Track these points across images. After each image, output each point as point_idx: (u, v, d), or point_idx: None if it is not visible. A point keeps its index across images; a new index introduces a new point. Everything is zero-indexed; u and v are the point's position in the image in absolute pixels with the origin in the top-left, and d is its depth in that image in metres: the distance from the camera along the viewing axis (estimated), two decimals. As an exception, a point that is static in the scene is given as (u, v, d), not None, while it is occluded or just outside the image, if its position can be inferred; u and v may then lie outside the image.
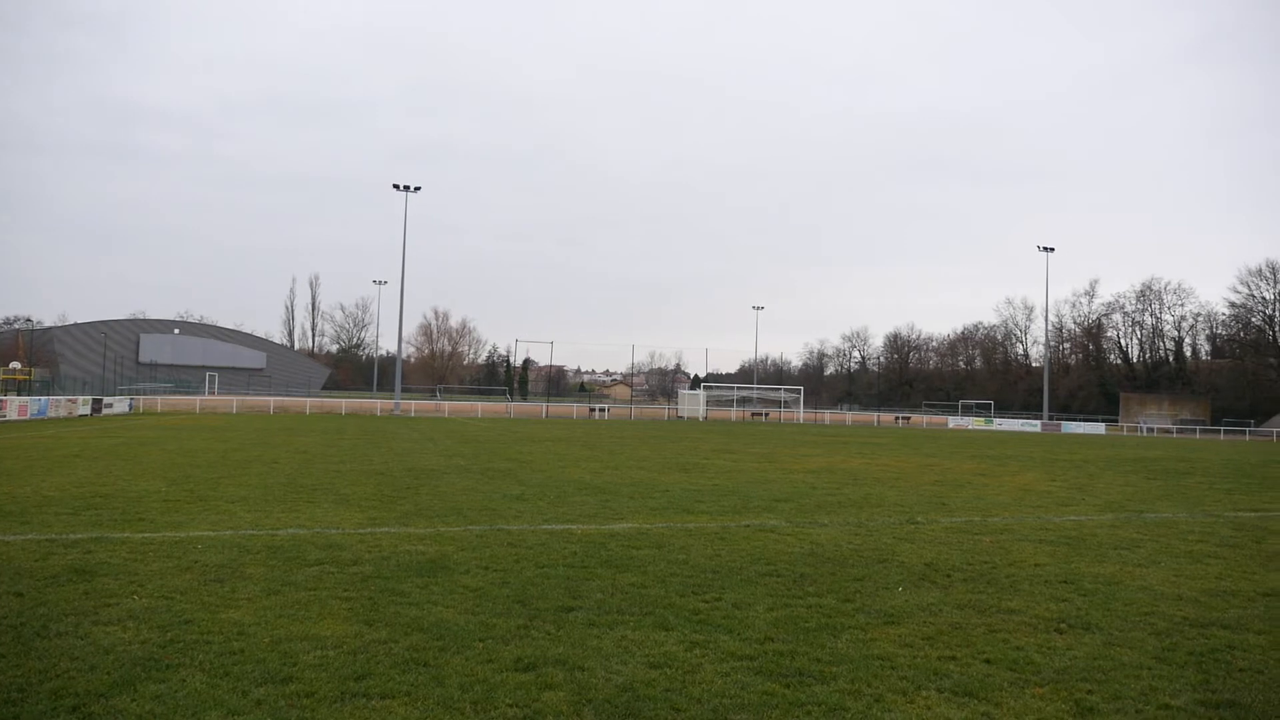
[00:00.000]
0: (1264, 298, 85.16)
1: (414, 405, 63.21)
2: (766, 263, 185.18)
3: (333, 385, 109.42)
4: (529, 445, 26.71)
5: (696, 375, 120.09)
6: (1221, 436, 62.63)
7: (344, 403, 63.28)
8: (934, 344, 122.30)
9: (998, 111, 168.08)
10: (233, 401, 57.70)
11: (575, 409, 70.01)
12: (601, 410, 67.99)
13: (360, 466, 17.71)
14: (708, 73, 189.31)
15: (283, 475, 15.48)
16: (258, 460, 18.42)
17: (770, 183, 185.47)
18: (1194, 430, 68.46)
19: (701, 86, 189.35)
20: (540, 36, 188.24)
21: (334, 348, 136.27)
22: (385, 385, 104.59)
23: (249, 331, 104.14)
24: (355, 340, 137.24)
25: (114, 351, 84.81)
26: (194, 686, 4.67)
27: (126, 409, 48.23)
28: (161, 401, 58.57)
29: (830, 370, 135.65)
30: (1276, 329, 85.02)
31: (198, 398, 63.31)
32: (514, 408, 69.50)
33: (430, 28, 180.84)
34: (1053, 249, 77.52)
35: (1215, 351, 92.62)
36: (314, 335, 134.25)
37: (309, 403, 60.24)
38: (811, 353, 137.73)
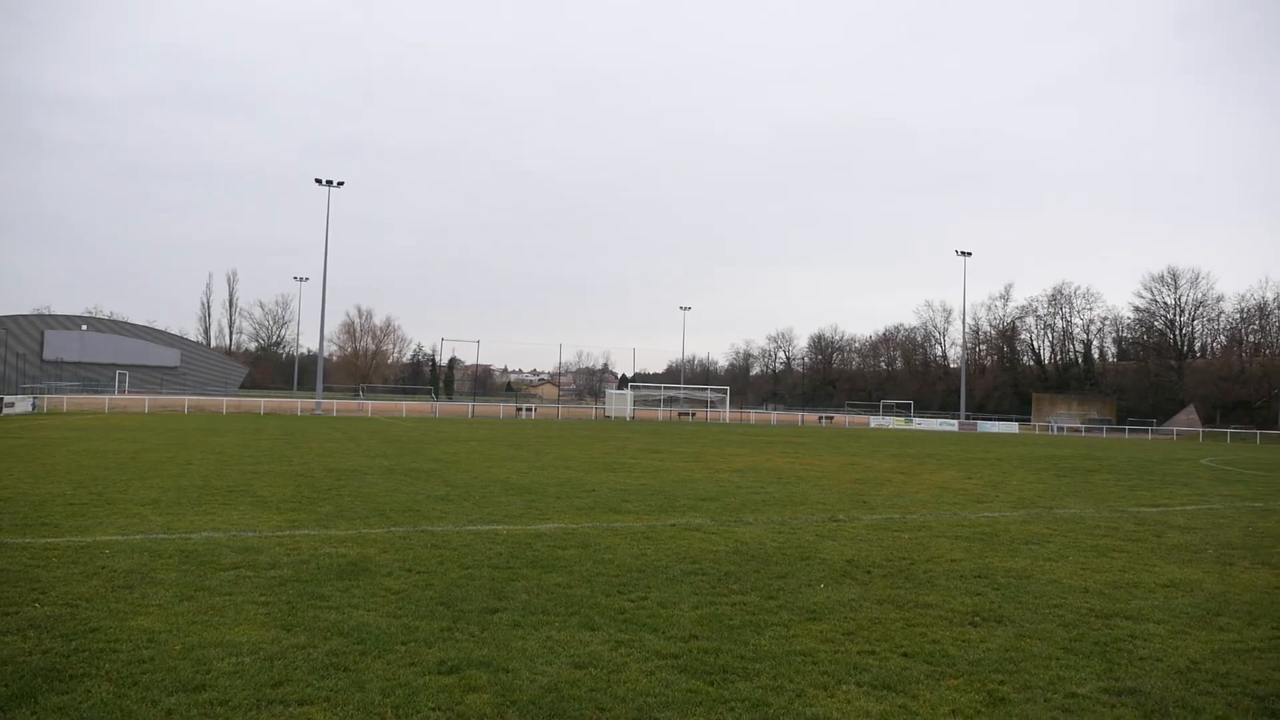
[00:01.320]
0: (1165, 303, 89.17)
1: (336, 405, 61.89)
2: (694, 263, 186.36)
3: (251, 384, 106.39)
4: (454, 445, 26.41)
5: (624, 375, 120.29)
6: (1126, 435, 65.33)
7: (263, 402, 61.59)
8: (857, 345, 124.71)
9: (922, 119, 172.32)
10: (144, 401, 55.66)
11: (502, 408, 69.41)
12: (528, 410, 67.60)
13: (279, 467, 17.27)
14: (637, 75, 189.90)
15: (197, 477, 15.01)
16: (170, 462, 17.82)
17: (696, 184, 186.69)
18: (1101, 429, 71.27)
19: (631, 88, 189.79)
20: (469, 33, 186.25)
21: (253, 346, 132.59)
22: (306, 384, 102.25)
23: (162, 329, 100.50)
24: (275, 338, 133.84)
25: (15, 349, 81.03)
26: (100, 697, 4.50)
27: (30, 409, 46.10)
28: (68, 401, 56.20)
29: (756, 370, 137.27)
30: (1177, 332, 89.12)
31: (107, 397, 60.81)
32: (439, 407, 68.62)
33: (355, 20, 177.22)
34: (970, 254, 79.91)
35: (1121, 354, 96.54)
36: (231, 333, 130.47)
37: (226, 402, 58.46)
38: (738, 353, 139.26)
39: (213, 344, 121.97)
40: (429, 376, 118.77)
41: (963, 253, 79.96)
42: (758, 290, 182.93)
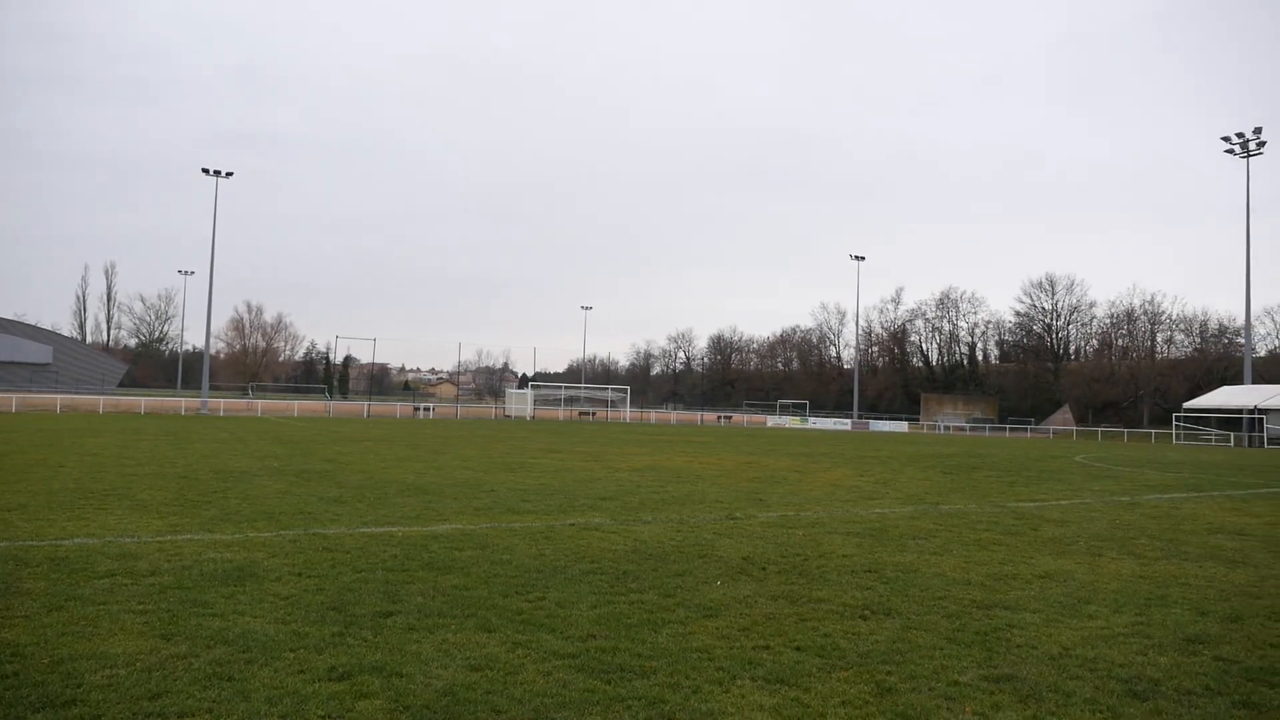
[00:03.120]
0: (1043, 308, 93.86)
1: (223, 404, 59.52)
2: (596, 263, 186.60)
3: (131, 382, 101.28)
4: (348, 445, 25.75)
5: (524, 374, 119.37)
6: (1007, 434, 68.39)
7: (144, 401, 58.73)
8: (755, 346, 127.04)
9: (817, 127, 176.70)
10: (12, 400, 52.35)
11: (399, 408, 68.00)
12: (426, 409, 66.44)
13: (160, 469, 16.51)
14: (544, 72, 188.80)
15: (69, 480, 14.21)
16: (40, 464, 16.81)
17: (600, 185, 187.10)
18: (984, 428, 74.42)
19: (536, 86, 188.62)
20: (366, 25, 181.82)
21: (133, 342, 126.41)
22: (192, 383, 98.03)
23: (32, 323, 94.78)
24: (158, 334, 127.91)
25: None
26: (-43, 715, 4.21)
27: (-120, 408, 42.85)
28: (-76, 400, 52.44)
29: (656, 370, 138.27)
30: (1054, 336, 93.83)
31: (-31, 395, 57.01)
32: (333, 407, 66.75)
33: (251, 6, 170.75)
34: (864, 258, 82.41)
35: (1003, 356, 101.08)
36: (109, 328, 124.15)
37: (103, 401, 55.54)
38: (638, 353, 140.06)
39: (89, 340, 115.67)
40: (323, 375, 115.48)
41: (857, 257, 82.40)
42: (659, 291, 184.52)
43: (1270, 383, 63.94)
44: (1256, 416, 55.62)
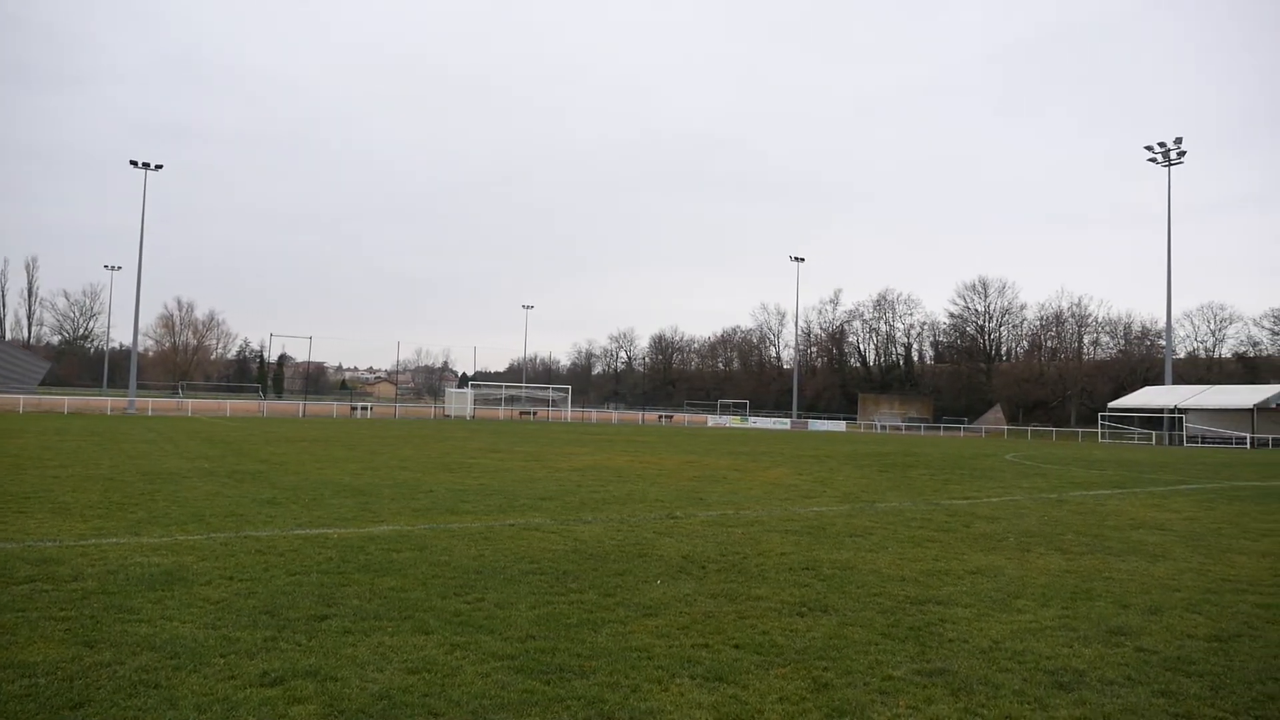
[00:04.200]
0: (976, 309, 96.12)
1: (152, 404, 57.86)
2: (537, 262, 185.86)
3: (54, 381, 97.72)
4: (283, 446, 25.22)
5: (464, 374, 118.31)
6: (942, 433, 69.88)
7: (67, 400, 56.75)
8: (696, 346, 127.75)
9: (756, 130, 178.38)
10: (-76, 399, 50.21)
11: (336, 408, 66.83)
12: (364, 409, 65.41)
13: (84, 471, 15.97)
14: (480, 72, 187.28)
15: (-13, 483, 13.66)
16: (-45, 466, 16.14)
17: (542, 184, 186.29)
18: (919, 427, 75.91)
19: (478, 85, 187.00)
20: (301, 18, 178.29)
21: (56, 339, 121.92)
22: (118, 381, 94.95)
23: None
24: (83, 331, 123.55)
25: None
26: None
27: None
28: None
29: (598, 370, 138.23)
30: (986, 338, 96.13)
31: (-123, 395, 54.54)
32: (268, 406, 65.31)
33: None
34: (803, 259, 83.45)
35: (938, 357, 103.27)
36: (30, 324, 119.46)
37: (23, 400, 53.47)
38: (580, 352, 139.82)
39: (9, 337, 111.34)
40: (257, 374, 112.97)
41: (796, 258, 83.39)
42: (601, 290, 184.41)
43: (1189, 383, 66.47)
44: (1176, 416, 57.72)
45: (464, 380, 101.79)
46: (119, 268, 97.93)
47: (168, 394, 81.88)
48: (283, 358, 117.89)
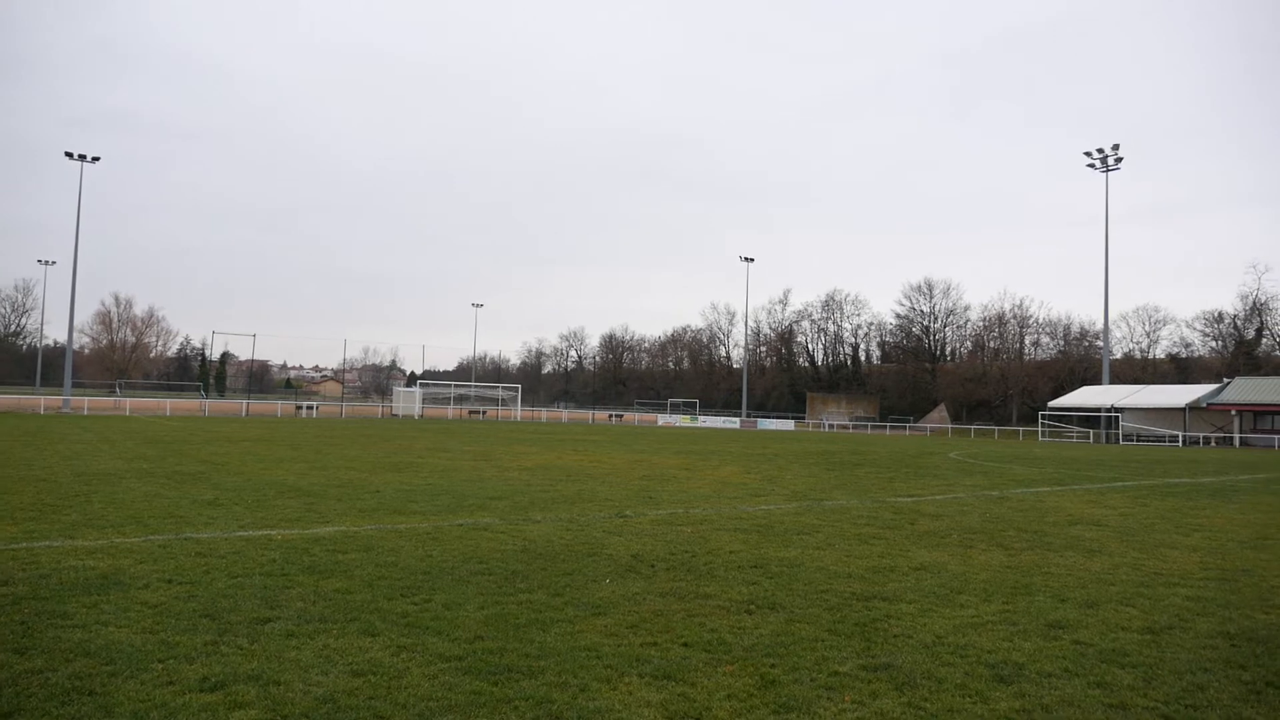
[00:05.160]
0: (922, 310, 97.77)
1: (88, 403, 56.27)
2: (487, 261, 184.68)
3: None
4: (226, 446, 24.70)
5: (413, 372, 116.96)
6: (888, 432, 70.92)
7: (-3, 400, 54.98)
8: (646, 345, 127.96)
9: (709, 130, 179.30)
10: None
11: (280, 407, 65.66)
12: (309, 408, 64.33)
13: (16, 472, 15.46)
14: (435, 66, 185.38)
15: (-89, 485, 13.16)
16: (-123, 468, 15.53)
17: (491, 183, 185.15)
18: (866, 426, 76.99)
19: (424, 79, 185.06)
20: (243, 6, 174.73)
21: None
22: (53, 380, 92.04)
23: None
24: (14, 328, 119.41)
25: None
26: None
27: None
28: None
29: (548, 369, 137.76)
30: (931, 338, 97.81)
31: None
32: (210, 405, 63.91)
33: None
34: (753, 259, 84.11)
35: (884, 356, 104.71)
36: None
37: (-50, 400, 51.72)
38: (530, 351, 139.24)
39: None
40: (198, 372, 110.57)
41: (746, 258, 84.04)
42: (552, 289, 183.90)
43: (1125, 383, 68.40)
44: (1113, 415, 59.33)
45: (412, 379, 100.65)
46: (53, 262, 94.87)
47: (105, 393, 79.70)
48: (225, 356, 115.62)
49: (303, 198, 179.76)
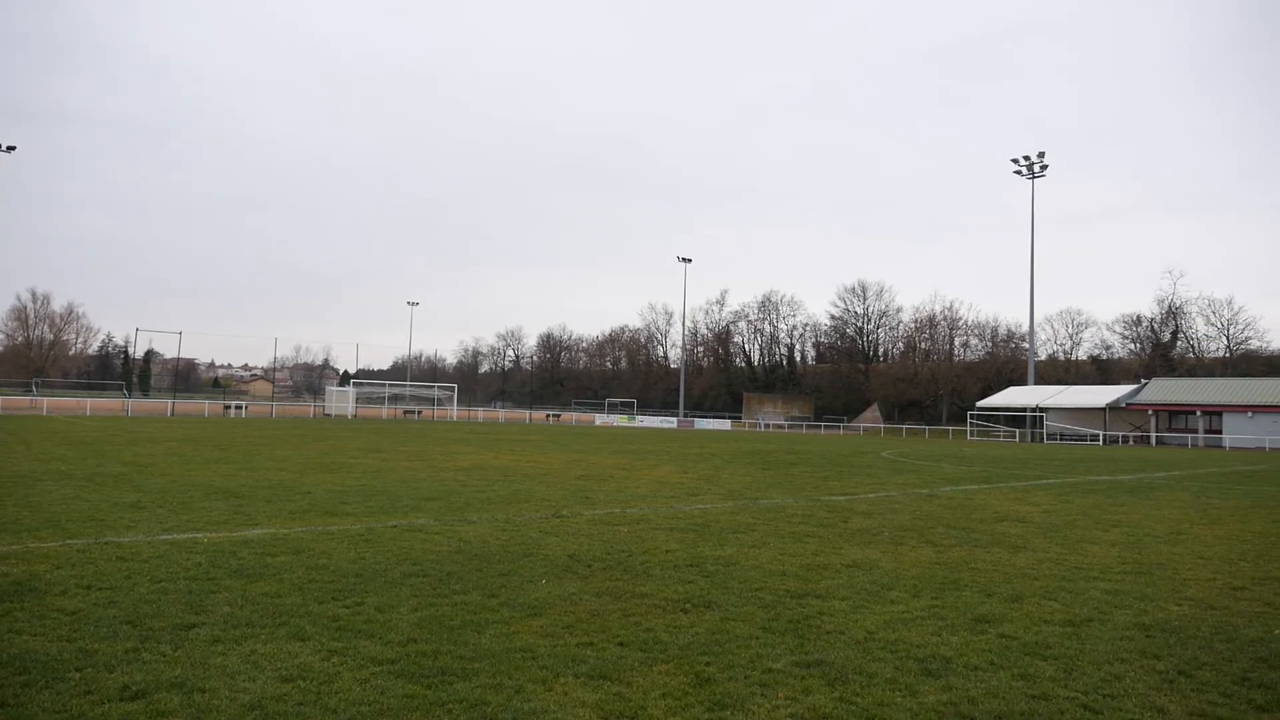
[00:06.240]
0: (856, 312, 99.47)
1: (2, 402, 54.08)
2: (423, 259, 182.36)
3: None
4: (149, 447, 23.95)
5: (346, 372, 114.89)
6: (822, 431, 71.97)
7: (-98, 399, 52.49)
8: (584, 345, 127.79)
9: (646, 131, 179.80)
10: None
11: (208, 406, 63.91)
12: (238, 408, 62.76)
13: (-78, 475, 14.77)
14: (365, 54, 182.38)
15: None
16: None
17: (426, 179, 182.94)
18: (801, 426, 78.03)
19: (358, 75, 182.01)
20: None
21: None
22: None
23: None
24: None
25: None
26: None
27: None
28: None
29: (485, 368, 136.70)
30: (865, 339, 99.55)
31: None
32: (133, 405, 61.91)
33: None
34: (691, 260, 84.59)
35: (819, 357, 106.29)
36: None
37: None
38: (466, 350, 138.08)
39: None
40: (121, 371, 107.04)
41: (684, 259, 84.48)
42: (489, 288, 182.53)
43: (1049, 384, 70.54)
44: (1038, 414, 61.13)
45: (345, 378, 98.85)
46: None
47: (20, 391, 76.58)
48: (150, 354, 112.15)
49: (234, 192, 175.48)
